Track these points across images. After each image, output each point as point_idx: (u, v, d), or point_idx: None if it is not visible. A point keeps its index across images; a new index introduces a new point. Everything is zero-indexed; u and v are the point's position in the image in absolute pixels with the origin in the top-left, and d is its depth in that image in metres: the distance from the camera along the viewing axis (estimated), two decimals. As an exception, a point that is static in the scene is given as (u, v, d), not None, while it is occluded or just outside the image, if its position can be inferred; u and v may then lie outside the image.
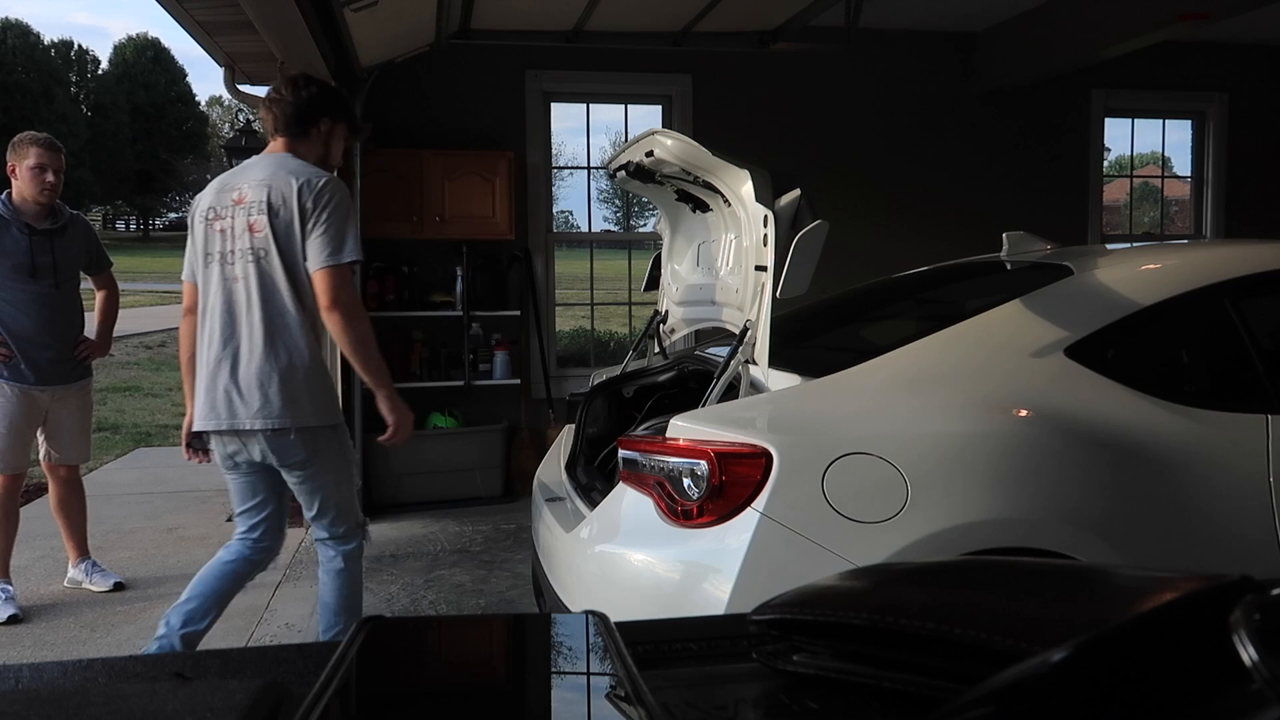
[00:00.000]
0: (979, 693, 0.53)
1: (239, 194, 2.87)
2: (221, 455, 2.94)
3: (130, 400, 10.73)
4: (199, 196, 3.03)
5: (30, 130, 4.22)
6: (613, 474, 2.75)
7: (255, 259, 2.82)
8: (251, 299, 2.81)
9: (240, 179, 2.91)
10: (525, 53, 6.05)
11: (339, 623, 2.99)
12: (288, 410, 2.81)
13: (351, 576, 3.03)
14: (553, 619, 0.99)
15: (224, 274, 2.86)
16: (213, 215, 2.90)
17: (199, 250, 2.94)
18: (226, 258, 2.86)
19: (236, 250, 2.84)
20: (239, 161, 5.41)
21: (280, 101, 2.94)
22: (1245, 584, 0.60)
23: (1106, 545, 2.20)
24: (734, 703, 0.81)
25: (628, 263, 6.60)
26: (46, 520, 4.57)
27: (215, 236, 2.89)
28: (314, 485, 2.92)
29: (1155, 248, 3.32)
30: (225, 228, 2.87)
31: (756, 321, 2.55)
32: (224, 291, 2.85)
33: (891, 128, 6.62)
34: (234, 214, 2.85)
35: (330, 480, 2.94)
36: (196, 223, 2.97)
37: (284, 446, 2.84)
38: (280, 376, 2.80)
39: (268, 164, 2.90)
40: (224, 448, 2.92)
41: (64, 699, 0.72)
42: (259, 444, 2.85)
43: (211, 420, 2.86)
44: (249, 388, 2.81)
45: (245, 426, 2.81)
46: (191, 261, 2.97)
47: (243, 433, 2.84)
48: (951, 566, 1.01)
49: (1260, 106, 7.19)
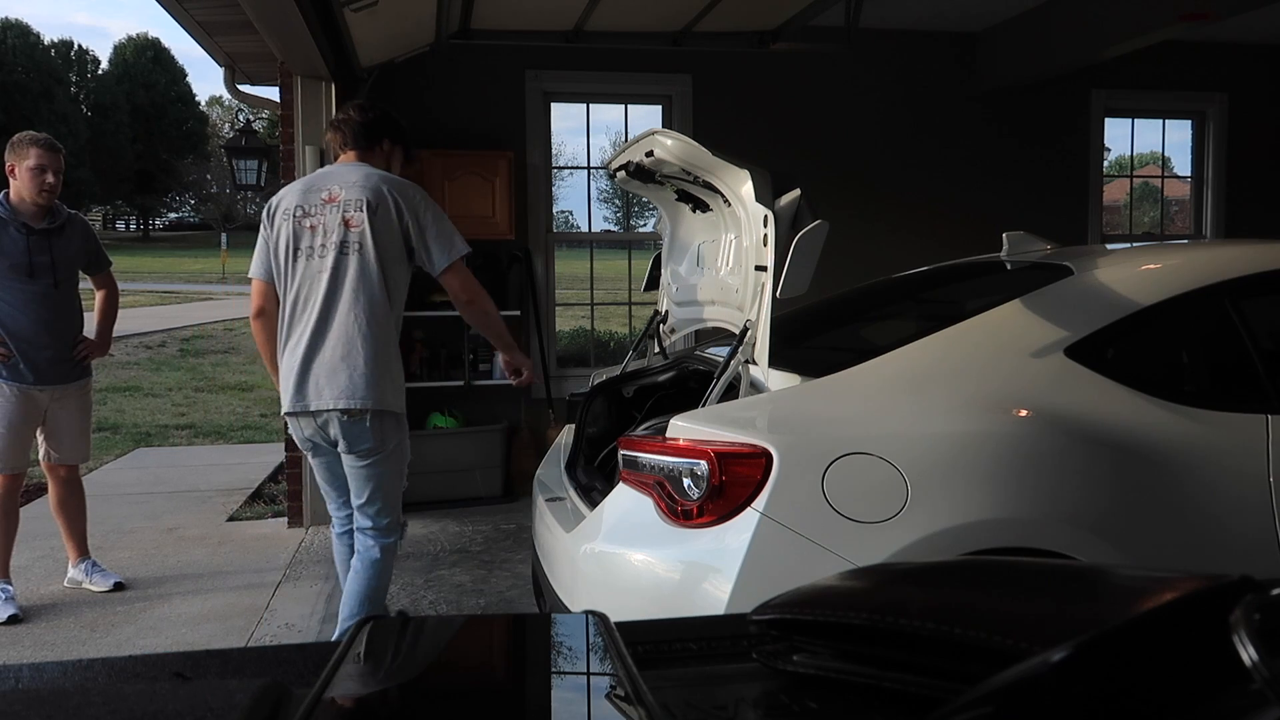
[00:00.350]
0: (979, 693, 0.53)
1: (329, 193, 3.06)
2: (300, 439, 3.15)
3: (130, 400, 10.73)
4: (277, 198, 3.19)
5: (30, 130, 4.21)
6: (613, 474, 2.75)
7: (350, 251, 3.02)
8: (343, 288, 3.00)
9: (326, 181, 3.11)
10: (525, 53, 6.05)
11: (362, 611, 3.09)
12: (369, 394, 2.99)
13: (384, 569, 3.18)
14: (553, 619, 0.99)
15: (315, 265, 3.04)
16: (300, 213, 3.08)
17: (284, 245, 3.09)
18: (317, 250, 3.04)
19: (329, 244, 3.02)
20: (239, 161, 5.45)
21: (349, 121, 3.21)
22: (1245, 584, 0.60)
23: (1106, 545, 2.20)
24: (734, 703, 0.81)
25: (628, 263, 6.60)
26: (46, 520, 4.57)
27: (305, 232, 3.07)
28: (372, 473, 3.10)
29: (1155, 248, 3.32)
30: (316, 224, 3.05)
31: (756, 321, 2.55)
32: (314, 281, 3.03)
33: (891, 128, 6.62)
34: (326, 211, 3.05)
35: (388, 471, 3.13)
36: (279, 220, 3.12)
37: (358, 431, 3.03)
38: (365, 361, 2.99)
39: (353, 169, 3.12)
40: (302, 431, 3.12)
41: (64, 699, 0.72)
42: (335, 426, 3.02)
43: (298, 403, 3.05)
44: (334, 371, 2.99)
45: (329, 406, 2.99)
46: (266, 259, 3.15)
47: (323, 415, 3.02)
48: (951, 566, 1.01)
49: (1260, 106, 7.19)
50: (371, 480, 3.10)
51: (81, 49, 55.53)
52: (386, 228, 3.02)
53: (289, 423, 3.17)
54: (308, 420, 3.07)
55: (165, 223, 64.09)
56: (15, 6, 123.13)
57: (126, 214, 62.79)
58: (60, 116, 47.34)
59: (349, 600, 3.16)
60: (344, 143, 3.21)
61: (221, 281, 30.84)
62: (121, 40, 70.47)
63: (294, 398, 3.05)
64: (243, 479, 6.60)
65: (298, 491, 5.35)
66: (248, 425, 9.35)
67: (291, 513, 5.37)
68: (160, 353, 14.38)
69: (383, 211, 3.02)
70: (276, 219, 3.14)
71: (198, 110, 61.32)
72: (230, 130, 31.71)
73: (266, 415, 9.77)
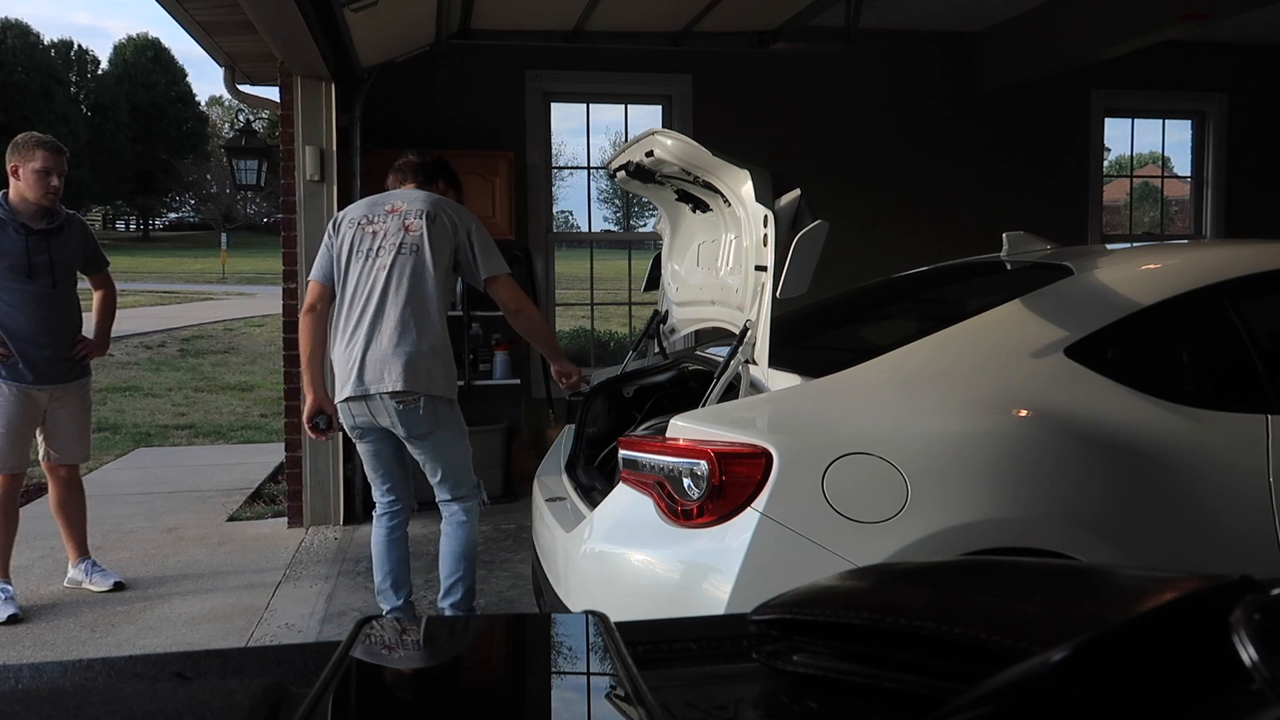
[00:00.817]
0: (979, 693, 0.53)
1: (392, 205, 3.40)
2: (350, 425, 3.38)
3: (130, 400, 10.73)
4: (344, 212, 3.51)
5: (31, 130, 4.20)
6: (613, 474, 2.75)
7: (407, 252, 3.30)
8: (398, 284, 3.27)
9: (390, 198, 3.45)
10: (525, 53, 6.05)
11: (460, 569, 3.47)
12: (422, 379, 3.24)
13: (471, 529, 3.50)
14: (553, 619, 0.99)
15: (374, 264, 3.32)
16: (365, 221, 3.40)
17: (346, 248, 3.38)
18: (375, 252, 3.33)
19: (387, 245, 3.32)
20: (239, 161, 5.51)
21: (409, 164, 3.59)
22: (1245, 584, 0.60)
23: (1106, 545, 2.20)
24: (734, 703, 0.81)
25: (628, 263, 6.60)
26: (46, 520, 4.57)
27: (367, 236, 3.37)
28: (437, 454, 3.38)
29: (1155, 248, 3.32)
30: (377, 229, 3.36)
31: (756, 321, 2.55)
32: (371, 278, 3.31)
33: (891, 127, 6.62)
34: (388, 219, 3.36)
35: (450, 450, 3.41)
36: (344, 228, 3.42)
37: (412, 417, 3.27)
38: (418, 350, 3.24)
39: (415, 191, 3.48)
40: (353, 418, 3.35)
41: (64, 699, 0.72)
42: (389, 414, 3.26)
43: (358, 388, 3.26)
44: (390, 358, 3.23)
45: (388, 389, 3.22)
46: (327, 265, 3.42)
47: (375, 400, 3.25)
48: (951, 566, 1.01)
49: (1260, 106, 7.19)
50: (439, 460, 3.39)
51: (81, 49, 55.55)
52: (442, 238, 3.34)
53: (340, 408, 3.38)
54: (361, 405, 3.29)
55: (165, 223, 64.08)
56: (15, 6, 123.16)
57: (126, 214, 62.79)
58: (60, 117, 47.34)
59: (445, 562, 3.48)
60: (402, 180, 3.56)
61: (221, 281, 30.84)
62: (121, 40, 70.49)
63: (354, 383, 3.27)
64: (243, 479, 6.60)
65: (298, 491, 5.35)
66: (248, 425, 9.35)
67: (291, 513, 5.37)
68: (160, 353, 14.38)
69: (440, 223, 3.35)
70: (342, 228, 3.44)
71: (198, 110, 61.33)
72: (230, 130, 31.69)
73: (266, 415, 9.77)
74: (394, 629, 0.95)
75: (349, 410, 3.34)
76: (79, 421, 4.25)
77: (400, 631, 0.97)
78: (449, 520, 3.50)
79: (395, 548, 3.56)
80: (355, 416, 3.35)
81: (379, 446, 3.45)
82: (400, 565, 3.56)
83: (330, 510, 5.36)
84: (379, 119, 5.70)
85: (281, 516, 5.48)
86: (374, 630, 0.87)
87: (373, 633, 0.86)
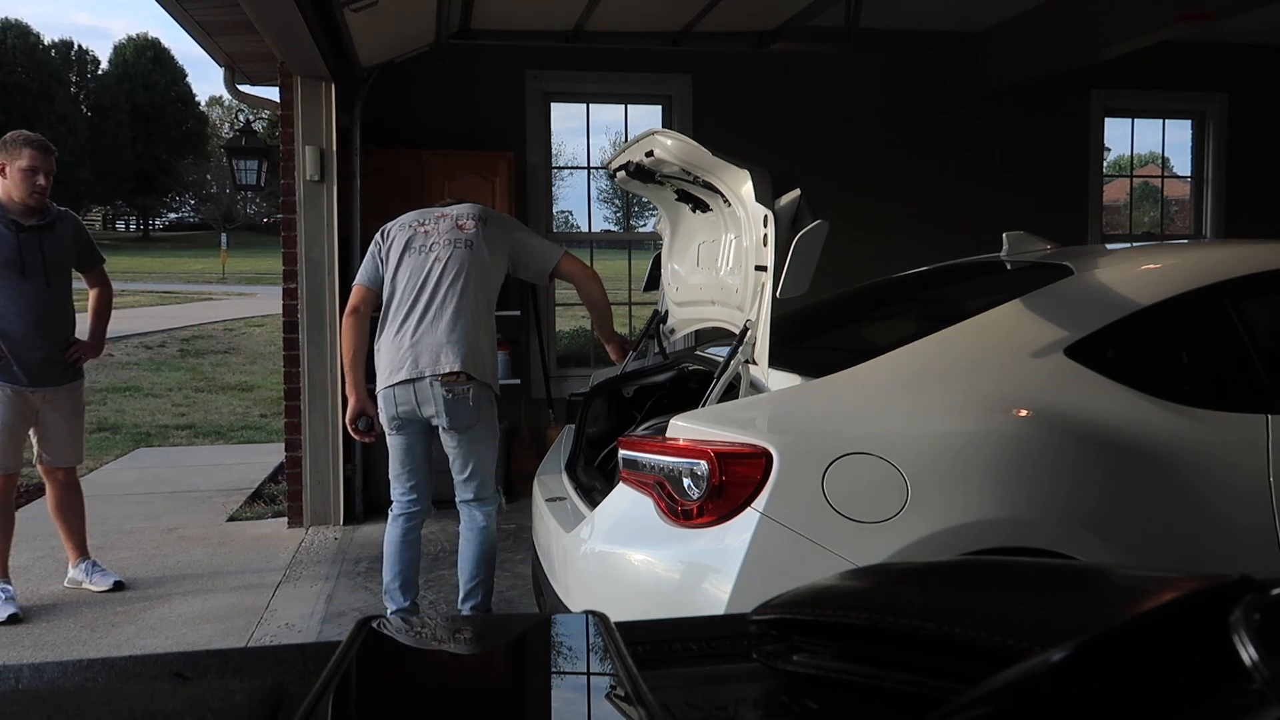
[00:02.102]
0: (979, 693, 0.53)
1: (442, 212, 3.56)
2: (390, 415, 3.42)
3: (130, 400, 10.72)
4: (394, 222, 3.61)
5: (24, 130, 4.17)
6: (613, 474, 2.75)
7: (462, 246, 3.44)
8: (455, 276, 3.39)
9: (439, 208, 3.61)
10: (525, 53, 6.05)
11: (480, 572, 3.52)
12: (476, 364, 3.36)
13: (492, 532, 3.56)
14: (553, 619, 0.99)
15: (428, 257, 3.43)
16: (417, 224, 3.53)
17: (397, 249, 3.49)
18: (429, 247, 3.45)
19: (441, 241, 3.45)
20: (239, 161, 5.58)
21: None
22: (1245, 584, 0.60)
23: (1106, 545, 2.20)
24: (734, 703, 0.81)
25: (628, 263, 6.60)
26: (46, 520, 4.56)
27: (419, 235, 3.49)
28: (471, 449, 3.45)
29: (1155, 248, 3.32)
30: (430, 229, 3.50)
31: (756, 321, 2.55)
32: (426, 269, 3.42)
33: (891, 127, 6.62)
34: (439, 222, 3.51)
35: (484, 448, 3.50)
36: (395, 232, 3.55)
37: (460, 408, 3.35)
38: (471, 338, 3.36)
39: (461, 202, 3.64)
40: (395, 406, 3.39)
41: (64, 699, 0.72)
42: (435, 402, 3.33)
43: (412, 370, 3.33)
44: (444, 343, 3.33)
45: (443, 369, 3.31)
46: (374, 270, 3.52)
47: (425, 385, 3.32)
48: (951, 566, 1.01)
49: (1260, 106, 7.19)
50: (472, 455, 3.46)
51: (81, 49, 55.59)
52: (495, 239, 3.51)
53: (384, 395, 3.41)
54: (407, 391, 3.35)
55: (165, 223, 64.07)
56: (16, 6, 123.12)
57: (126, 214, 62.79)
58: (60, 117, 47.36)
59: (465, 566, 3.53)
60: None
61: (221, 281, 30.84)
62: (121, 40, 70.48)
63: (407, 368, 3.34)
64: (243, 479, 6.60)
65: (298, 492, 5.35)
66: (248, 425, 9.35)
67: (291, 513, 5.37)
68: (160, 353, 14.38)
69: (492, 226, 3.54)
70: (392, 233, 3.56)
71: (198, 110, 61.34)
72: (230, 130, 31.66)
73: (266, 415, 9.77)
74: (394, 629, 0.95)
75: (393, 397, 3.38)
76: (71, 424, 4.22)
77: (400, 632, 0.97)
78: (470, 524, 3.54)
79: (410, 549, 3.56)
80: (399, 405, 3.38)
81: (413, 441, 3.49)
82: (411, 567, 3.58)
83: (330, 510, 5.36)
84: (379, 119, 5.69)
85: (281, 516, 5.48)
86: (374, 630, 0.87)
87: (373, 633, 0.86)
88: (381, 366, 3.44)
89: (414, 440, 3.50)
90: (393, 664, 0.85)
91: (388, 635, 0.90)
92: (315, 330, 5.31)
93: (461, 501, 3.55)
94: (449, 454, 3.49)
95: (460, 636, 0.98)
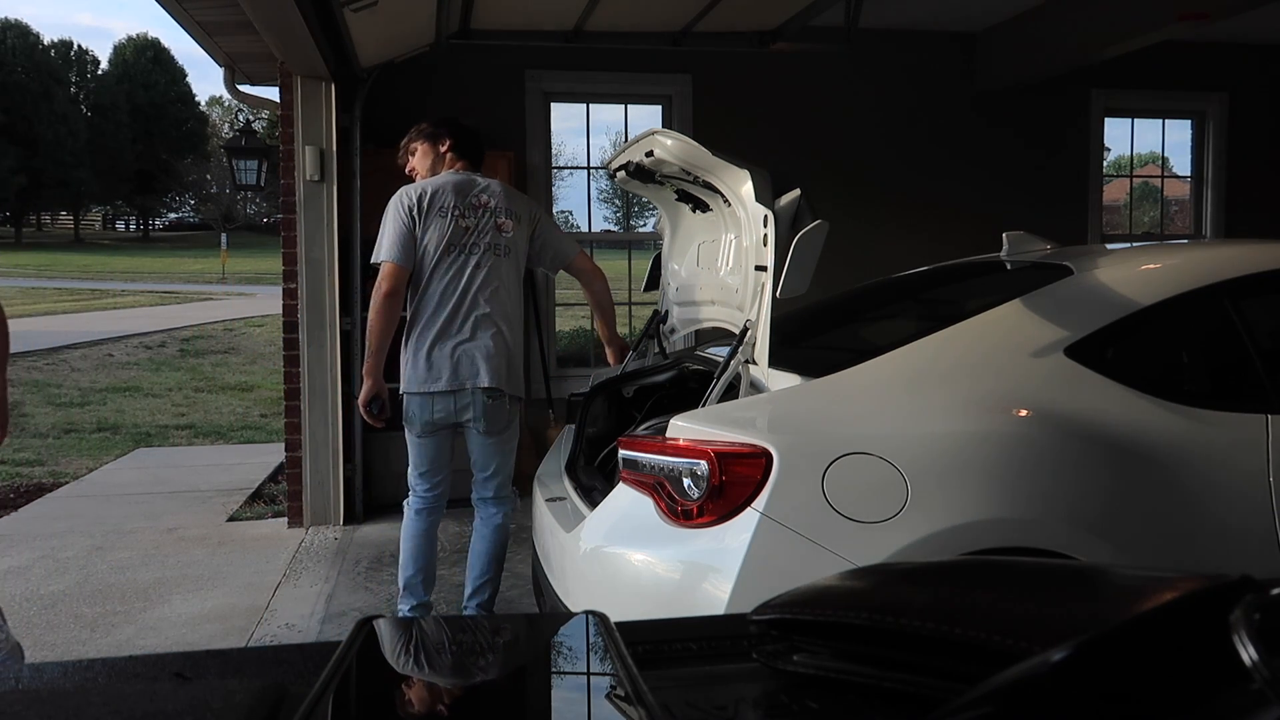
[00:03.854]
0: (979, 693, 0.53)
1: (479, 200, 3.45)
2: (425, 419, 3.41)
3: (130, 400, 10.72)
4: (423, 193, 3.42)
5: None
6: (613, 474, 2.75)
7: (501, 253, 3.43)
8: (493, 285, 3.39)
9: (473, 186, 3.47)
10: (525, 53, 6.05)
11: (490, 570, 3.57)
12: (511, 379, 3.43)
13: (504, 531, 3.62)
14: (553, 619, 0.99)
15: (468, 262, 3.39)
16: (458, 213, 3.41)
17: (437, 240, 3.38)
18: (470, 249, 3.40)
19: (482, 244, 3.40)
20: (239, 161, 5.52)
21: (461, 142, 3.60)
22: (1245, 584, 0.60)
23: (1106, 545, 2.20)
24: (734, 703, 0.81)
25: (628, 263, 6.60)
26: (47, 520, 4.57)
27: (461, 232, 3.41)
28: (499, 450, 3.52)
29: (1155, 248, 3.32)
30: (470, 225, 3.41)
31: (756, 321, 2.55)
32: (467, 275, 3.38)
33: (891, 128, 6.62)
34: (480, 215, 3.43)
35: (510, 449, 3.57)
36: (432, 216, 3.39)
37: (498, 412, 3.41)
38: (510, 350, 3.42)
39: (494, 184, 3.52)
40: (433, 412, 3.39)
41: (64, 699, 0.72)
42: (475, 407, 3.37)
43: (453, 381, 3.35)
44: (489, 355, 3.35)
45: (485, 384, 3.34)
46: (409, 246, 3.37)
47: (467, 394, 3.35)
48: (951, 566, 1.01)
49: (1260, 106, 7.19)
50: (499, 455, 3.53)
51: (81, 49, 55.59)
52: (526, 236, 3.52)
53: (420, 401, 3.39)
54: (449, 400, 3.37)
55: (165, 223, 64.08)
56: (16, 6, 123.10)
57: (126, 214, 62.78)
58: (60, 117, 47.37)
59: (477, 562, 3.57)
60: (456, 158, 3.57)
61: (221, 282, 30.85)
62: (121, 40, 70.44)
63: (448, 378, 3.35)
64: (243, 479, 6.60)
65: (298, 491, 5.35)
66: (248, 425, 9.35)
67: (291, 513, 5.37)
68: (160, 353, 14.37)
69: (523, 221, 3.51)
70: (429, 214, 3.39)
71: (198, 110, 61.35)
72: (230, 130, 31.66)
73: (266, 415, 9.77)
74: (394, 629, 0.95)
75: (431, 404, 3.37)
76: None
77: (400, 632, 0.97)
78: (486, 521, 3.58)
79: (432, 544, 3.58)
80: (435, 411, 3.39)
81: (445, 442, 3.52)
82: (432, 561, 3.60)
83: (330, 510, 5.36)
84: (379, 119, 5.69)
85: (281, 516, 5.48)
86: (374, 630, 0.87)
87: (373, 633, 0.86)
88: (416, 369, 3.39)
89: (445, 441, 3.52)
90: (393, 664, 0.85)
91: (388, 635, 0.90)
92: (315, 330, 5.31)
93: (481, 499, 3.58)
94: (474, 453, 3.51)
95: (460, 636, 0.98)
